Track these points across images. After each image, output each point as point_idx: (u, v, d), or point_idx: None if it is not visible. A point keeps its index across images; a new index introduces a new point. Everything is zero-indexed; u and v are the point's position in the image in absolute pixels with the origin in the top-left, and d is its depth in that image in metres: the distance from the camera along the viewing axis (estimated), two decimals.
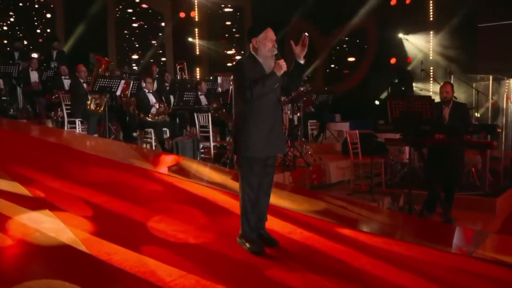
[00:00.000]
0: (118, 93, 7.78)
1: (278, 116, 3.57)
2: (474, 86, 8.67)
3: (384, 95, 13.03)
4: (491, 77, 7.82)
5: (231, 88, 6.78)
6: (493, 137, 7.47)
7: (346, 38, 15.38)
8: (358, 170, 7.23)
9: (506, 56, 12.52)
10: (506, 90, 8.24)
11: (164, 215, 4.25)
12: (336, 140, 9.97)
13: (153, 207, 4.41)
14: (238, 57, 8.65)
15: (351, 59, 15.84)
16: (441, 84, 6.20)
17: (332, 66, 16.13)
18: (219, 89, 9.22)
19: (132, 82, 8.59)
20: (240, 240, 3.60)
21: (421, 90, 12.89)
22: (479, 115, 8.76)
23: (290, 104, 7.62)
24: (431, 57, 13.62)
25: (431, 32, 13.72)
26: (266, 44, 3.40)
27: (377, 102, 13.30)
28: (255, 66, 3.40)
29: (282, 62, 3.36)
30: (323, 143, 9.92)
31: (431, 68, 13.27)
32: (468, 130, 5.90)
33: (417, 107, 5.61)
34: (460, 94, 8.29)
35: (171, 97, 8.59)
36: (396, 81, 12.51)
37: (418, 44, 13.63)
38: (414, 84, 12.92)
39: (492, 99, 8.30)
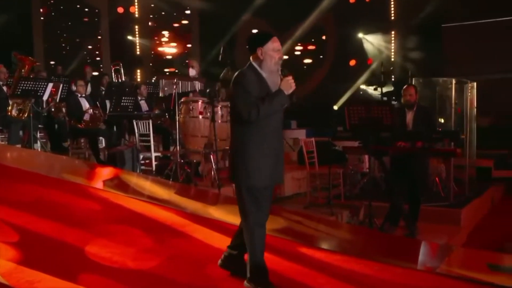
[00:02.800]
0: (45, 97, 7.54)
1: (282, 140, 3.49)
2: (437, 90, 9.03)
3: (343, 99, 13.37)
4: (453, 81, 8.18)
5: (175, 93, 6.75)
6: (457, 144, 7.79)
7: (303, 38, 15.65)
8: (315, 181, 7.32)
9: (472, 58, 13.18)
10: (470, 94, 8.64)
11: (99, 236, 4.15)
12: (292, 149, 10.09)
13: (86, 227, 4.30)
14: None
15: (307, 60, 16.13)
16: (404, 87, 6.36)
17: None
18: (161, 94, 9.14)
19: (61, 85, 8.36)
20: (250, 285, 3.34)
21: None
22: (443, 121, 9.12)
23: None
24: (392, 59, 14.11)
25: (393, 32, 14.23)
26: (272, 56, 3.25)
27: (335, 108, 13.61)
28: (259, 82, 3.23)
29: (291, 80, 3.24)
30: None
31: (392, 69, 13.74)
32: (431, 137, 6.09)
33: (376, 112, 5.75)
34: (422, 99, 8.60)
35: (107, 102, 8.42)
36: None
37: (378, 45, 14.10)
38: (371, 88, 13.33)
39: (455, 103, 8.66)
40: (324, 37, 15.63)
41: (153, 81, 9.84)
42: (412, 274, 4.21)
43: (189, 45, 15.91)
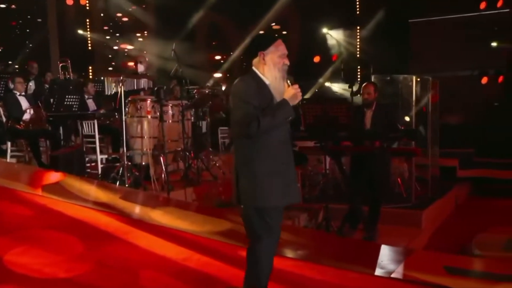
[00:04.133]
0: None
1: (292, 155, 3.23)
2: (399, 88, 9.15)
3: (306, 97, 13.42)
4: (414, 78, 8.31)
5: (120, 91, 6.62)
6: (419, 143, 7.92)
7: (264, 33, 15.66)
8: None
9: (439, 55, 13.45)
10: (433, 91, 8.79)
11: (30, 245, 4.03)
12: None
13: (16, 236, 4.17)
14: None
15: None
16: (364, 84, 6.40)
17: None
18: (109, 92, 8.98)
19: None
20: None
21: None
22: (408, 119, 9.25)
23: (193, 109, 7.58)
24: (358, 55, 14.25)
25: (358, 27, 14.38)
26: (276, 61, 3.07)
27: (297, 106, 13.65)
28: (261, 90, 3.04)
29: (297, 89, 3.06)
30: None
31: (358, 67, 13.85)
32: (390, 136, 6.15)
33: (333, 111, 5.78)
34: (385, 97, 8.70)
35: (52, 101, 8.19)
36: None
37: (343, 41, 14.22)
38: (336, 85, 13.44)
39: (418, 101, 8.80)
40: (285, 33, 15.66)
41: (101, 78, 9.66)
42: (368, 279, 4.24)
43: (140, 39, 15.71)
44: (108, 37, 15.34)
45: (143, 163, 6.84)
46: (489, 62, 13.37)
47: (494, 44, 13.29)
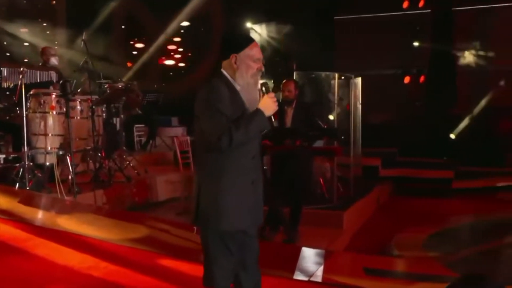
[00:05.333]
0: None
1: (260, 173, 3.02)
2: (322, 85, 9.35)
3: None
4: (336, 75, 8.52)
5: (20, 83, 6.27)
6: (340, 142, 8.12)
7: (186, 25, 15.51)
8: (192, 184, 7.23)
9: (364, 52, 13.89)
10: (354, 90, 9.05)
11: None
12: (169, 148, 9.95)
13: None
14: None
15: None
16: (283, 81, 6.45)
17: (168, 58, 16.14)
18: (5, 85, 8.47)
19: None
20: None
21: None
22: (332, 118, 9.46)
23: (105, 105, 7.35)
24: (281, 51, 14.41)
25: (282, 23, 14.54)
26: (250, 66, 2.87)
27: None
28: (232, 97, 2.82)
29: (273, 98, 2.87)
30: (152, 152, 9.82)
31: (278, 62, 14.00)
32: (310, 135, 6.23)
33: None
34: (308, 95, 8.87)
35: None
36: None
37: (267, 36, 14.34)
38: (259, 81, 13.54)
39: (341, 99, 9.03)
40: (211, 25, 15.57)
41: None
42: (288, 284, 4.27)
43: (46, 27, 15.02)
44: (7, 23, 14.51)
45: (47, 164, 6.52)
46: (411, 61, 14.01)
47: (416, 43, 13.92)
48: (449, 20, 13.53)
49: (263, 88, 2.92)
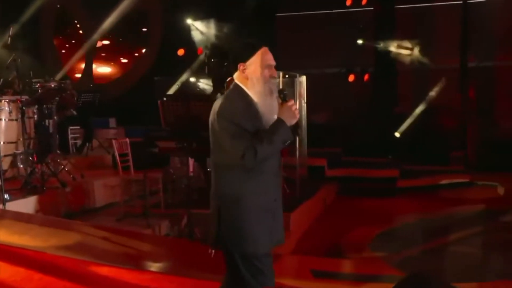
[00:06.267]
0: None
1: (281, 190, 2.96)
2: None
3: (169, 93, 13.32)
4: (281, 74, 8.58)
5: None
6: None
7: (122, 23, 15.26)
8: (131, 188, 7.17)
9: (306, 51, 14.05)
10: (299, 88, 9.15)
11: None
12: (107, 151, 9.77)
13: None
14: None
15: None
16: (228, 79, 6.43)
17: (102, 57, 15.84)
18: None
19: None
20: None
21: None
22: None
23: (37, 106, 7.14)
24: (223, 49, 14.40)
25: (223, 20, 14.53)
26: (261, 74, 2.79)
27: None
28: (249, 109, 2.75)
29: (294, 106, 2.77)
30: (89, 155, 9.61)
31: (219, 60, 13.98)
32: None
33: (195, 108, 5.77)
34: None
35: None
36: None
37: (208, 33, 14.30)
38: (203, 81, 13.51)
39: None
40: (148, 22, 15.40)
41: None
42: None
43: None
44: None
45: None
46: (355, 60, 14.29)
47: (360, 41, 14.23)
48: (391, 18, 13.90)
49: (282, 95, 2.80)
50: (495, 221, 8.15)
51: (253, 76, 2.79)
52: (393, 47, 13.50)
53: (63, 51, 15.42)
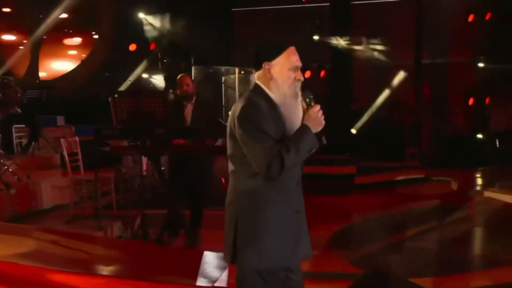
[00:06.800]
0: None
1: (303, 201, 2.84)
2: (223, 81, 9.39)
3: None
4: (237, 70, 8.58)
5: None
6: None
7: (70, 17, 14.97)
8: (81, 189, 7.04)
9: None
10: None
11: None
12: (54, 150, 9.54)
13: None
14: None
15: (76, 40, 15.51)
16: (178, 76, 6.38)
17: (49, 52, 15.47)
18: None
19: None
20: None
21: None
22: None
23: None
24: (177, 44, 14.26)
25: (177, 14, 14.39)
26: (286, 76, 2.65)
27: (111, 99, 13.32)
28: (272, 113, 2.60)
29: (319, 111, 2.65)
30: (35, 155, 9.36)
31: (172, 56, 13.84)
32: (211, 134, 6.24)
33: (148, 105, 5.69)
34: (208, 90, 8.87)
35: None
36: None
37: (162, 27, 14.13)
38: (156, 77, 13.36)
39: (241, 94, 9.08)
40: (99, 16, 15.13)
41: None
42: None
43: None
44: None
45: None
46: (312, 56, 14.39)
47: (316, 37, 14.34)
48: (347, 14, 14.07)
49: (307, 100, 2.69)
50: (450, 215, 8.38)
51: (278, 77, 2.66)
52: (349, 43, 13.67)
53: (8, 44, 15.00)
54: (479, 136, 14.71)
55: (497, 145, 14.50)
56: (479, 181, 11.82)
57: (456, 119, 14.62)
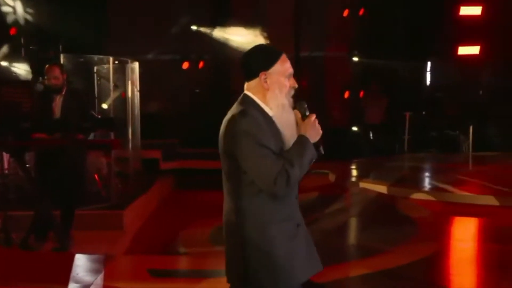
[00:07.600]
0: None
1: (300, 213, 2.69)
2: (95, 71, 9.04)
3: None
4: (111, 59, 8.31)
5: None
6: (118, 134, 7.96)
7: None
8: None
9: (141, 35, 13.70)
10: (131, 75, 8.92)
11: None
12: None
13: None
14: None
15: None
16: (46, 66, 6.10)
17: None
18: None
19: None
20: None
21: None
22: (107, 107, 9.19)
23: None
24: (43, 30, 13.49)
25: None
26: (283, 83, 2.54)
27: None
28: (270, 126, 2.50)
29: (315, 120, 2.56)
30: None
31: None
32: (82, 127, 6.02)
33: (11, 96, 5.42)
34: (78, 80, 8.48)
35: None
36: None
37: (23, 10, 13.28)
38: (18, 65, 12.55)
39: (116, 86, 8.82)
40: None
41: None
42: None
43: None
44: None
45: None
46: (191, 47, 14.32)
47: (194, 27, 14.28)
48: (228, 5, 14.15)
49: (302, 110, 2.61)
50: (328, 207, 8.74)
51: (276, 87, 2.56)
52: (229, 34, 13.76)
53: None
54: (355, 128, 15.53)
55: (371, 137, 15.42)
56: (355, 172, 12.46)
57: (333, 112, 15.27)
